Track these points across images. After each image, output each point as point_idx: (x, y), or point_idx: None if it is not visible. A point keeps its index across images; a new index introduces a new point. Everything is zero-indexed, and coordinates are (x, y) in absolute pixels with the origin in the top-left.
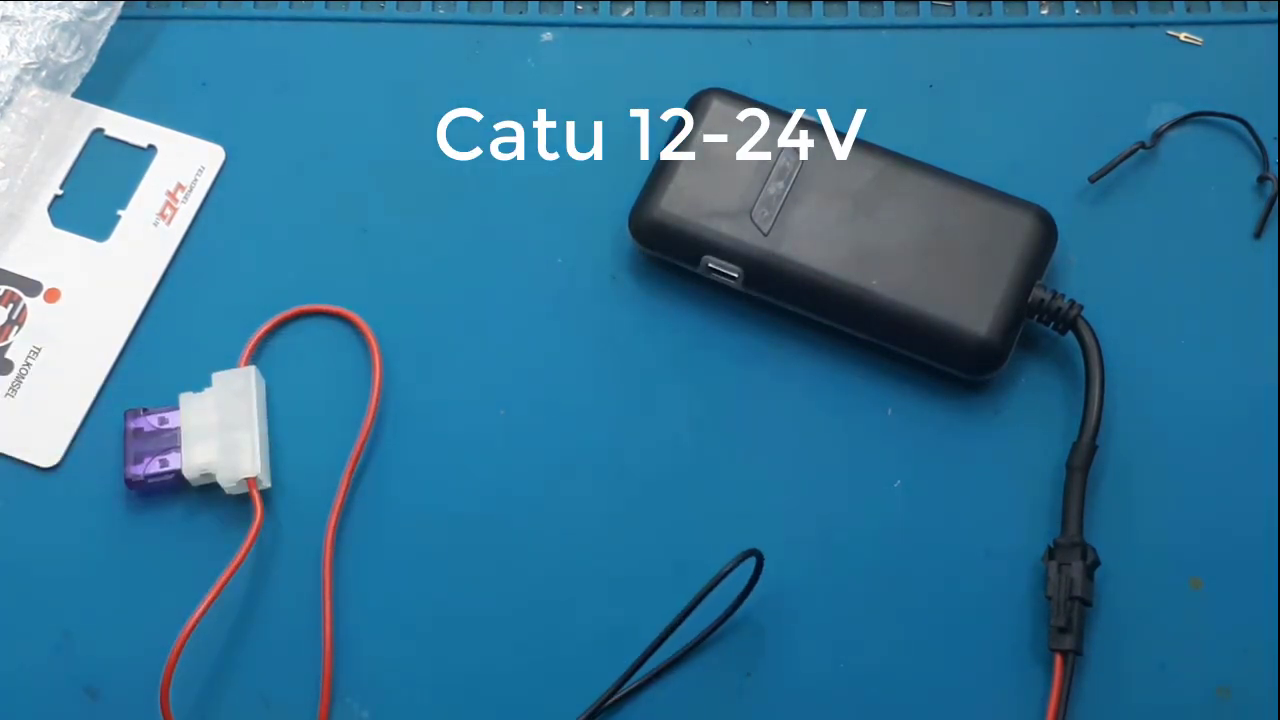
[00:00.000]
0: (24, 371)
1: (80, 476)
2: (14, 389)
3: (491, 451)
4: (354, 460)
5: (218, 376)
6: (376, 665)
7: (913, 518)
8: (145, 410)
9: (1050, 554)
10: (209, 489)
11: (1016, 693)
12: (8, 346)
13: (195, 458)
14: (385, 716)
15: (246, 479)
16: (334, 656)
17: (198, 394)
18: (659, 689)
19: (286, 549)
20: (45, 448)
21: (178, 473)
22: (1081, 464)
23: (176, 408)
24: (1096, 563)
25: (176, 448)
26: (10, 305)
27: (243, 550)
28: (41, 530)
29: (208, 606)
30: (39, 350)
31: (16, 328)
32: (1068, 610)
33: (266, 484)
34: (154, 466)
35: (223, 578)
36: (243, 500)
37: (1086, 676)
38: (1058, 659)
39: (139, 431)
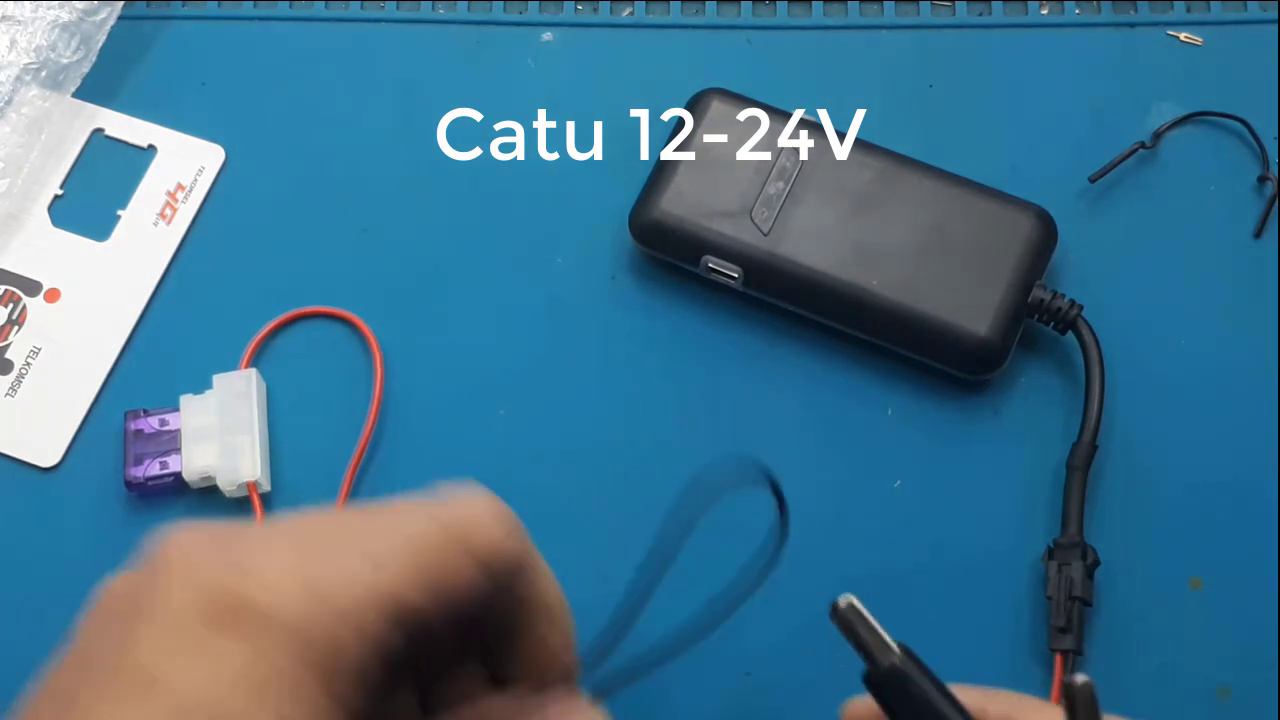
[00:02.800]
0: (24, 371)
1: (80, 477)
2: (14, 389)
3: (491, 451)
4: (355, 463)
5: (218, 379)
6: None
7: (913, 518)
8: (146, 411)
9: (1050, 554)
10: (209, 491)
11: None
12: (8, 346)
13: (195, 460)
14: None
15: (247, 482)
16: None
17: (198, 396)
18: (659, 688)
19: None
20: (45, 448)
21: (178, 475)
22: (1081, 464)
23: (177, 409)
24: (1096, 563)
25: (177, 450)
26: (10, 305)
27: None
28: (41, 530)
29: None
30: (39, 350)
31: (16, 328)
32: (1068, 610)
33: (266, 487)
34: (154, 468)
35: None
36: (243, 503)
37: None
38: (1058, 659)
39: (139, 433)
